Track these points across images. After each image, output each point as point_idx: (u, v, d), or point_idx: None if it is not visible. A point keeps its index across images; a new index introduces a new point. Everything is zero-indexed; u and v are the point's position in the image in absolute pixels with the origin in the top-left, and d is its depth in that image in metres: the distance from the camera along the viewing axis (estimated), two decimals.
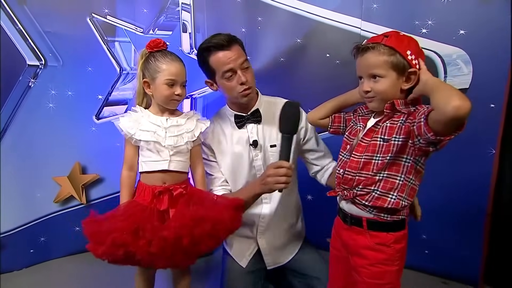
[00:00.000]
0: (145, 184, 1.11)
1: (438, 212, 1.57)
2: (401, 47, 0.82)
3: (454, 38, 1.41)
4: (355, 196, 0.87)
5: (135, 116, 1.11)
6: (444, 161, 1.52)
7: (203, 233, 0.99)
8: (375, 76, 0.84)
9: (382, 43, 0.83)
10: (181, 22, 1.83)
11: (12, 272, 1.66)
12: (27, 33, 1.57)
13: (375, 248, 0.84)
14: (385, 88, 0.83)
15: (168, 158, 1.09)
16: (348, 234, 0.91)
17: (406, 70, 0.83)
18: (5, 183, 1.62)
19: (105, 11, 1.70)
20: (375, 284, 0.85)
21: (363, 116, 0.95)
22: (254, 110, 1.26)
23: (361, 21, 1.58)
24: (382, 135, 0.85)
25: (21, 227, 1.68)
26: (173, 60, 1.09)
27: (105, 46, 1.72)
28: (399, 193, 0.83)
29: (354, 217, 0.89)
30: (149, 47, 1.10)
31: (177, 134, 1.10)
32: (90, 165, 1.78)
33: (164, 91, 1.07)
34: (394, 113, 0.85)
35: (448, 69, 1.46)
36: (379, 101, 0.85)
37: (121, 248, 0.95)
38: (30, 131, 1.65)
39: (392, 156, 0.83)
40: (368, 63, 0.84)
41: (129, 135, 1.08)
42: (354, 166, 0.88)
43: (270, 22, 1.76)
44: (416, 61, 0.83)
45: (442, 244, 1.58)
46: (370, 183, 0.84)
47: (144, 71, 1.10)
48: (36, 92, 1.63)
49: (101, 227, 0.98)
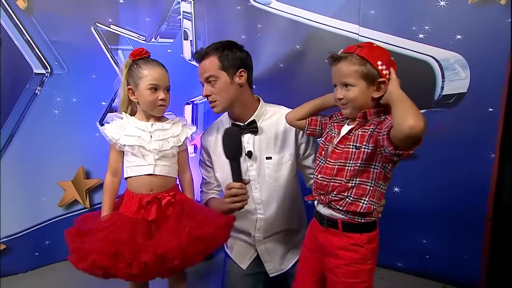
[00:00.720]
0: (132, 193, 1.10)
1: (438, 217, 1.57)
2: (372, 58, 0.86)
3: (451, 43, 1.42)
4: (330, 201, 0.91)
5: (120, 122, 1.12)
6: (444, 165, 1.53)
7: (196, 253, 1.00)
8: (346, 84, 0.88)
9: (354, 53, 0.87)
10: (182, 30, 1.86)
11: (18, 275, 1.70)
12: (34, 42, 1.63)
13: (350, 249, 0.88)
14: (356, 96, 0.88)
15: (153, 162, 1.08)
16: (325, 236, 0.94)
17: (376, 80, 0.87)
18: (11, 188, 1.66)
19: (108, 20, 1.74)
20: (351, 283, 0.89)
21: (338, 122, 0.99)
22: (250, 121, 1.25)
23: (359, 27, 1.60)
24: (354, 143, 0.89)
25: (27, 230, 1.72)
26: (155, 66, 1.10)
27: (109, 54, 1.76)
28: (370, 198, 0.88)
29: (330, 219, 0.93)
30: (132, 56, 1.12)
31: (162, 138, 1.10)
32: (93, 170, 1.82)
33: (147, 97, 1.08)
34: (366, 122, 0.89)
35: (446, 73, 1.46)
36: (351, 108, 0.90)
37: (100, 269, 0.95)
38: (36, 137, 1.69)
39: (363, 163, 0.87)
40: (341, 72, 0.88)
41: (114, 140, 1.08)
42: (329, 172, 0.93)
43: (270, 29, 1.79)
44: (387, 71, 0.87)
45: (443, 248, 1.57)
46: (344, 190, 0.89)
47: (128, 79, 1.11)
48: (42, 99, 1.68)
49: (82, 243, 0.98)
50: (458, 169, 1.50)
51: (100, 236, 0.99)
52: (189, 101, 1.91)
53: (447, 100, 1.48)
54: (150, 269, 0.96)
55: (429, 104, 1.52)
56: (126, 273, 0.95)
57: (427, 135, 1.53)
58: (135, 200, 1.08)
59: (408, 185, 1.62)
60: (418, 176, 1.58)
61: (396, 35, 1.54)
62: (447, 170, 1.53)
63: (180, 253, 0.97)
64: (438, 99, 1.51)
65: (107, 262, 0.94)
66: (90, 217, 1.12)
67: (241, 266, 1.34)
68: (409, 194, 1.62)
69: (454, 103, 1.47)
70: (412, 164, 1.58)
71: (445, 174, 1.53)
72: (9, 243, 1.68)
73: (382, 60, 0.86)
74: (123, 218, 1.06)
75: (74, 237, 1.02)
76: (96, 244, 0.97)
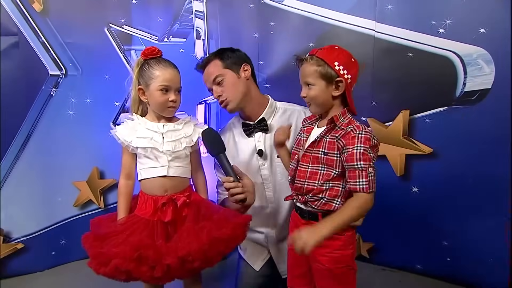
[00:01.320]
0: (146, 195, 1.09)
1: (460, 218, 1.51)
2: (329, 59, 0.93)
3: (474, 37, 1.36)
4: (307, 201, 0.98)
5: (131, 124, 1.09)
6: (465, 165, 1.47)
7: (216, 254, 0.99)
8: (308, 84, 0.95)
9: (315, 55, 0.94)
10: (194, 29, 1.86)
11: (35, 273, 1.73)
12: (50, 44, 1.65)
13: (333, 237, 0.93)
14: (316, 94, 0.95)
15: (167, 163, 1.07)
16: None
17: (334, 79, 0.93)
18: (28, 188, 1.69)
19: (121, 21, 1.75)
20: (336, 268, 0.97)
21: (307, 126, 1.06)
22: (260, 119, 1.25)
23: (375, 23, 1.56)
24: (322, 149, 0.95)
25: (43, 230, 1.74)
26: (167, 67, 1.08)
27: (122, 55, 1.77)
28: (342, 199, 0.95)
29: (310, 212, 0.99)
30: (144, 55, 1.09)
31: (175, 139, 1.08)
32: (107, 170, 1.83)
33: (158, 98, 1.06)
34: (335, 126, 0.95)
35: (468, 69, 1.40)
36: (315, 106, 0.98)
37: (123, 274, 0.94)
38: (51, 138, 1.71)
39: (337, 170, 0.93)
40: (303, 72, 0.96)
41: (126, 143, 1.06)
42: (302, 175, 0.98)
43: (283, 27, 1.76)
44: (344, 71, 0.93)
45: (466, 251, 1.52)
46: (318, 192, 0.95)
47: (139, 78, 1.09)
48: (57, 101, 1.70)
49: (103, 248, 0.97)
50: (482, 168, 1.44)
51: (119, 240, 0.98)
52: (201, 100, 1.90)
53: (470, 97, 1.42)
54: (172, 271, 0.95)
55: (450, 101, 1.47)
56: (149, 276, 0.94)
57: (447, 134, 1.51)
58: (150, 202, 1.07)
59: (427, 185, 1.57)
60: (437, 175, 1.53)
61: (414, 31, 1.49)
62: (469, 169, 1.47)
63: (201, 255, 0.96)
64: (459, 96, 1.45)
65: (130, 266, 0.92)
66: (104, 220, 1.11)
67: (254, 267, 1.33)
68: (428, 194, 1.57)
69: (477, 100, 1.41)
70: (431, 163, 1.53)
71: (467, 173, 1.48)
72: (26, 243, 1.71)
73: (339, 61, 0.92)
74: (140, 221, 1.05)
75: (93, 242, 1.01)
76: (116, 248, 0.95)
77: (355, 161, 0.88)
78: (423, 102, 1.52)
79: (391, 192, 1.58)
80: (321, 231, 0.85)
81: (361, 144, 0.88)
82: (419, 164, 1.57)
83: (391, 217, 1.63)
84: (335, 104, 0.97)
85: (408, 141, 1.56)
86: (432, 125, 1.51)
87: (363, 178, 0.88)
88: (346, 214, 0.88)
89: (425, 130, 1.53)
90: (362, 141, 0.88)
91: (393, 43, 1.54)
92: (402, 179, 1.61)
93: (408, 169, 1.59)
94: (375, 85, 1.60)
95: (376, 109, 1.62)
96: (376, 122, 1.63)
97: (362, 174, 0.88)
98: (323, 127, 0.97)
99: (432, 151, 1.52)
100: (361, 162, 0.88)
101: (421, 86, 1.51)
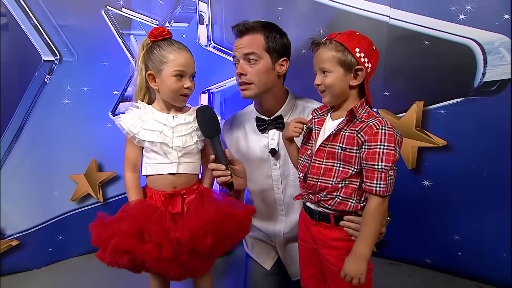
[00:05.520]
0: (152, 189, 1.01)
1: (472, 212, 1.48)
2: (350, 44, 0.85)
3: (497, 24, 1.30)
4: (319, 201, 0.92)
5: (138, 113, 0.99)
6: (480, 158, 1.44)
7: (228, 232, 0.91)
8: (324, 70, 0.88)
9: (334, 39, 0.87)
10: (198, 13, 1.76)
11: (32, 271, 1.66)
12: (42, 27, 1.53)
13: (345, 239, 0.90)
14: (332, 82, 0.87)
15: (177, 160, 0.98)
16: (317, 229, 0.95)
17: (353, 67, 0.86)
18: (23, 182, 1.60)
19: (120, 3, 1.64)
20: None
21: (318, 118, 0.98)
22: (277, 116, 1.14)
23: (390, 8, 1.49)
24: (340, 143, 0.88)
25: (40, 225, 1.67)
26: (181, 49, 0.98)
27: (121, 40, 1.67)
28: (357, 197, 0.88)
29: (321, 213, 0.93)
30: (152, 36, 0.98)
31: (186, 134, 0.99)
32: (106, 163, 1.75)
33: (172, 84, 0.96)
34: (354, 118, 0.87)
35: (489, 58, 1.35)
36: (330, 95, 0.89)
37: (125, 254, 0.85)
38: (46, 128, 1.62)
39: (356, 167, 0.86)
40: (319, 58, 0.89)
41: (132, 134, 0.97)
42: (316, 172, 0.91)
43: (291, 12, 1.67)
44: (365, 59, 0.86)
45: (478, 245, 1.49)
46: (333, 190, 0.89)
47: (147, 62, 0.98)
48: (51, 88, 1.60)
49: (105, 231, 0.88)
50: (497, 163, 1.40)
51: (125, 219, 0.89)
52: (205, 89, 1.82)
53: (489, 88, 1.37)
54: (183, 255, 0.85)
55: (467, 92, 1.42)
56: (155, 258, 0.84)
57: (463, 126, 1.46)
58: (158, 195, 1.00)
59: (439, 178, 1.53)
60: (451, 169, 1.49)
61: (432, 17, 1.42)
62: (484, 163, 1.43)
63: (212, 228, 0.87)
64: (478, 86, 1.40)
65: (131, 243, 0.83)
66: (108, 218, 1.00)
67: (264, 266, 1.28)
68: (440, 187, 1.54)
69: (497, 91, 1.36)
70: (444, 156, 1.49)
71: (481, 167, 1.44)
72: (22, 239, 1.63)
73: (360, 48, 0.85)
74: (150, 206, 0.97)
75: (99, 229, 0.91)
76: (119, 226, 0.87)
77: (376, 160, 0.81)
78: (438, 92, 1.47)
79: (401, 185, 1.50)
80: (363, 254, 0.82)
81: (385, 142, 0.81)
82: (432, 157, 1.52)
83: (401, 210, 1.57)
84: (352, 94, 0.89)
85: (421, 133, 1.51)
86: (447, 116, 1.47)
87: (381, 181, 0.81)
88: (372, 226, 0.83)
89: (440, 122, 1.48)
90: (386, 139, 0.81)
91: (409, 30, 1.47)
92: (413, 172, 1.57)
93: (420, 162, 1.55)
94: (388, 74, 1.54)
95: (389, 100, 1.56)
96: (388, 113, 1.57)
97: (381, 176, 0.81)
98: (338, 119, 0.89)
99: (446, 144, 1.48)
100: (383, 163, 0.80)
101: (437, 76, 1.46)
